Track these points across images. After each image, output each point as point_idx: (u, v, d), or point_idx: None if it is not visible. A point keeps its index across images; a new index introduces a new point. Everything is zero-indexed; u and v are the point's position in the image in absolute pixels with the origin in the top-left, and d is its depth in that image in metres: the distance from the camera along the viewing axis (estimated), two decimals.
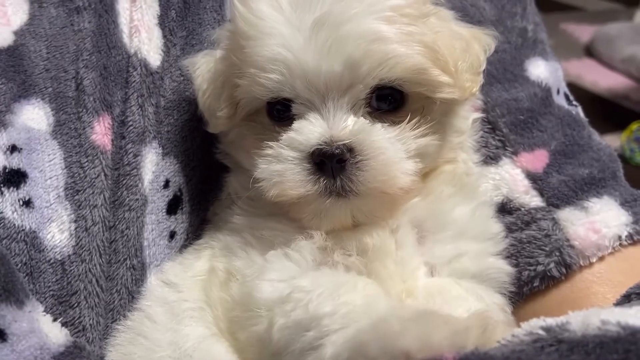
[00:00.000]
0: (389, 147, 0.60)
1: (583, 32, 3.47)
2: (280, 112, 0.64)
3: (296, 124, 0.61)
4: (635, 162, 2.19)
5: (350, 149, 0.59)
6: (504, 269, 0.69)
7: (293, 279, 0.60)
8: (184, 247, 0.75)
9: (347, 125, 0.60)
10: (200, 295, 0.67)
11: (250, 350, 0.62)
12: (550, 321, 0.48)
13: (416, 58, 0.60)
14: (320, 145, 0.59)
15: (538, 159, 0.77)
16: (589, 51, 3.25)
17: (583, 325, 0.45)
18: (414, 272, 0.64)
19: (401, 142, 0.62)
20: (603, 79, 2.93)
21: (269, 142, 0.62)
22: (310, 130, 0.60)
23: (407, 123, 0.62)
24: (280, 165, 0.60)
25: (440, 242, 0.66)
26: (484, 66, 0.68)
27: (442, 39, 0.63)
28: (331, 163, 0.58)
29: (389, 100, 0.62)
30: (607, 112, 2.61)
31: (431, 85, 0.62)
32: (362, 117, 0.61)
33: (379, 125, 0.61)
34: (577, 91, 2.71)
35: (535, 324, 0.48)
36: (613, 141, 2.27)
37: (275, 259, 0.62)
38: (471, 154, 0.75)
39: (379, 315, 0.51)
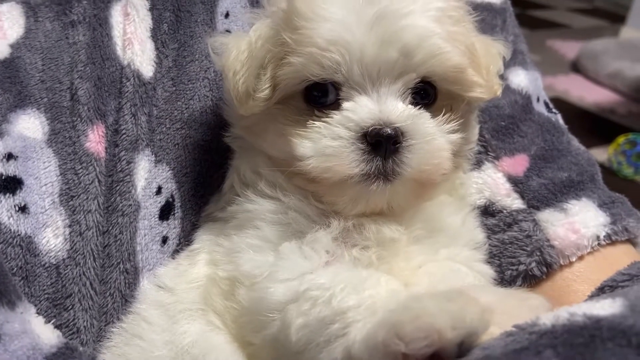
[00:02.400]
0: (438, 133, 0.63)
1: (569, 49, 3.54)
2: (316, 98, 0.65)
3: (349, 105, 0.62)
4: (622, 175, 2.23)
5: (403, 133, 0.60)
6: (488, 273, 0.72)
7: (306, 275, 0.59)
8: (176, 252, 0.76)
9: (400, 109, 0.62)
10: (197, 298, 0.68)
11: (266, 351, 0.62)
12: (522, 322, 0.49)
13: (459, 57, 0.63)
14: (377, 125, 0.60)
15: (519, 163, 0.80)
16: (576, 67, 3.32)
17: (553, 318, 0.47)
18: (416, 268, 0.65)
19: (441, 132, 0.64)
20: (589, 94, 2.98)
21: (313, 122, 0.63)
22: (365, 110, 0.61)
23: (442, 117, 0.65)
24: (335, 142, 0.60)
25: (433, 245, 0.68)
26: (502, 71, 0.71)
27: (477, 42, 0.67)
28: (387, 144, 0.60)
29: (422, 95, 0.65)
30: (594, 126, 2.66)
31: (465, 84, 0.65)
32: (409, 105, 0.63)
33: (426, 114, 0.63)
34: (564, 106, 2.78)
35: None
36: (600, 154, 2.31)
37: (288, 254, 0.62)
38: (467, 163, 0.77)
39: (411, 297, 0.52)
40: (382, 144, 0.60)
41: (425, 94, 0.65)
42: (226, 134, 0.75)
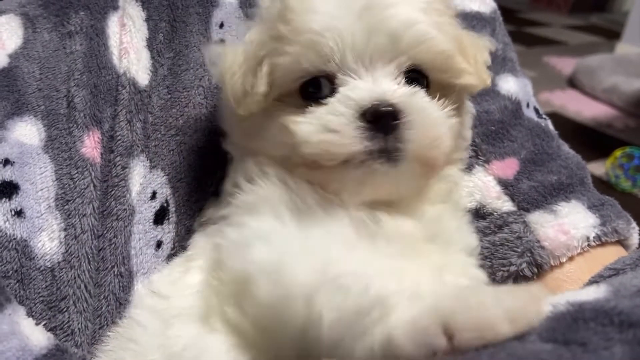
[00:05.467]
0: (435, 109, 0.63)
1: (565, 64, 3.57)
2: (312, 94, 0.65)
3: (346, 87, 0.62)
4: (620, 188, 2.23)
5: (400, 110, 0.60)
6: (481, 278, 0.71)
7: (332, 259, 0.54)
8: (170, 256, 0.77)
9: (396, 88, 0.62)
10: (193, 303, 0.66)
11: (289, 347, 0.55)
12: None
13: (447, 43, 0.64)
14: (375, 102, 0.60)
15: (509, 167, 0.81)
16: (572, 82, 3.34)
17: None
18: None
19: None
20: (586, 109, 3.00)
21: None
22: (363, 90, 0.61)
23: (437, 101, 0.65)
24: (337, 119, 0.60)
25: (430, 249, 0.67)
26: (489, 63, 0.72)
27: (464, 33, 0.69)
28: (386, 121, 0.60)
29: (414, 85, 0.65)
30: (591, 140, 2.67)
31: (455, 71, 0.67)
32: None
33: (422, 91, 0.64)
34: (562, 121, 2.81)
35: None
36: (598, 168, 2.31)
37: (312, 235, 0.59)
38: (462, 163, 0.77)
39: (464, 287, 0.50)
40: (382, 121, 0.60)
41: (417, 83, 0.65)
42: (224, 142, 0.75)
